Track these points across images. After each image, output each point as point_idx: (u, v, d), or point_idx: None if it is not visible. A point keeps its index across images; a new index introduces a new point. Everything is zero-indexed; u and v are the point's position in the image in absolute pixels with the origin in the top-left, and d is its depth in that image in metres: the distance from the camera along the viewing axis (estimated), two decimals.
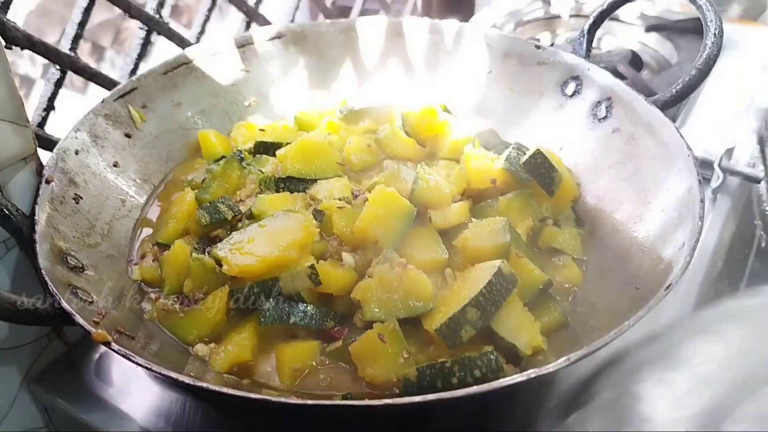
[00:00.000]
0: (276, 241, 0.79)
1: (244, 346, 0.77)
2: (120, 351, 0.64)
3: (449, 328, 0.71)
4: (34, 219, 0.78)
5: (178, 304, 0.82)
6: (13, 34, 0.89)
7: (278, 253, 0.78)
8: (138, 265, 0.88)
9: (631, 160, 0.93)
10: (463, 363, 0.68)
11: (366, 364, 0.73)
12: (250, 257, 0.78)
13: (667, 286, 0.67)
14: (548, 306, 0.80)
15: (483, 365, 0.68)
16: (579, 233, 0.92)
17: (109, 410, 0.87)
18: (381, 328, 0.73)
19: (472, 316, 0.72)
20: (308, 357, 0.76)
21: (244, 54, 1.16)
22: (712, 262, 1.12)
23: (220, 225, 0.89)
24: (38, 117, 1.01)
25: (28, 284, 0.83)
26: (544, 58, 1.08)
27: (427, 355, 0.75)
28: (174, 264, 0.84)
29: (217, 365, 0.75)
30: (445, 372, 0.68)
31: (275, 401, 0.60)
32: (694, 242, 0.72)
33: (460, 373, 0.68)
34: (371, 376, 0.72)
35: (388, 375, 0.72)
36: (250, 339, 0.77)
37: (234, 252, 0.78)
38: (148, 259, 0.89)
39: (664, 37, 1.67)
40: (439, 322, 0.72)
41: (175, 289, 0.84)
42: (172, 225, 0.91)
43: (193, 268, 0.82)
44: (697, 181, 0.79)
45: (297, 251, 0.79)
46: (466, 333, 0.71)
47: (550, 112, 1.07)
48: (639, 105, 0.94)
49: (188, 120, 1.08)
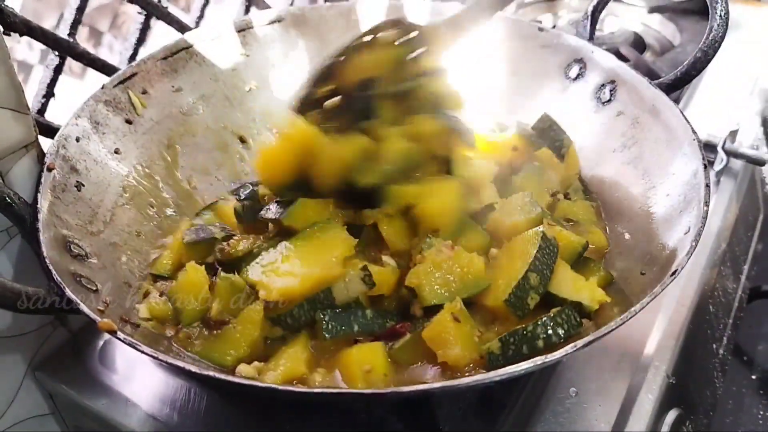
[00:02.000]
0: (314, 258, 0.75)
1: (299, 359, 0.73)
2: (126, 340, 0.64)
3: (517, 297, 0.73)
4: (36, 207, 0.77)
5: (205, 330, 0.78)
6: (11, 20, 0.88)
7: (320, 270, 0.74)
8: (143, 303, 0.81)
9: (635, 143, 0.93)
10: (545, 323, 0.69)
11: (445, 347, 0.70)
12: (290, 278, 0.73)
13: (672, 272, 0.67)
14: (590, 267, 0.82)
15: (564, 321, 0.70)
16: (591, 205, 0.93)
17: (114, 397, 0.88)
18: (451, 308, 0.72)
19: (534, 282, 0.74)
20: (376, 357, 0.73)
21: (244, 38, 1.15)
22: (715, 246, 1.12)
23: (207, 246, 0.86)
24: (38, 104, 1.00)
25: (31, 273, 0.83)
26: (548, 41, 1.07)
27: (495, 332, 0.75)
28: (191, 290, 0.79)
29: (270, 382, 0.71)
30: (529, 336, 0.69)
31: (282, 389, 0.60)
32: (700, 227, 0.72)
33: (545, 333, 0.69)
34: (454, 358, 0.70)
35: (470, 354, 0.70)
36: (304, 352, 0.74)
37: (269, 275, 0.74)
38: (154, 295, 0.83)
39: (667, 19, 1.66)
40: (506, 293, 0.73)
41: (195, 318, 0.79)
42: (167, 255, 0.88)
43: (221, 289, 0.77)
44: (703, 165, 0.79)
45: (339, 264, 0.76)
46: (532, 300, 0.73)
47: (553, 96, 1.06)
48: (643, 88, 0.93)
49: (189, 105, 1.08)
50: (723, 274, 1.16)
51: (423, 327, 0.73)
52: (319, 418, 0.82)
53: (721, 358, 1.15)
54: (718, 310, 1.13)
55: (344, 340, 0.75)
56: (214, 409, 0.85)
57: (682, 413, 0.89)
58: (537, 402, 0.85)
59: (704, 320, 1.05)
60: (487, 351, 0.70)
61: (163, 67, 1.05)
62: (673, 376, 0.90)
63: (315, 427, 0.81)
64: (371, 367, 0.70)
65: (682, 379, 0.93)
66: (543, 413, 0.84)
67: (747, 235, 1.30)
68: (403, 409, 0.80)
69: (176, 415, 0.85)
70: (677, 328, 0.96)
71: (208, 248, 0.86)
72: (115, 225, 0.89)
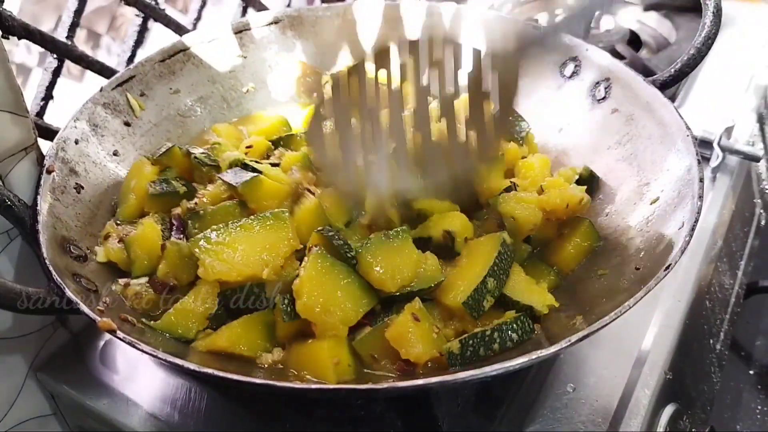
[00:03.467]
0: (256, 252, 0.76)
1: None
2: (125, 339, 0.64)
3: (474, 300, 0.75)
4: (36, 209, 0.78)
5: (151, 291, 0.79)
6: (9, 24, 0.88)
7: (254, 268, 0.75)
8: (102, 246, 0.84)
9: (630, 140, 0.93)
10: (501, 328, 0.73)
11: (408, 345, 0.71)
12: (227, 266, 0.74)
13: (666, 267, 0.67)
14: (542, 271, 0.86)
15: (518, 327, 0.73)
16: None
17: (115, 396, 0.88)
18: (411, 308, 0.73)
19: (491, 286, 0.76)
20: (342, 349, 0.73)
21: (241, 40, 1.15)
22: (711, 242, 1.13)
23: (172, 198, 0.88)
24: (37, 106, 1.00)
25: (31, 274, 0.84)
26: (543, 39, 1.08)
27: (453, 329, 0.77)
28: (144, 246, 0.82)
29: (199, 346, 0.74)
30: (486, 340, 0.72)
31: (280, 386, 0.60)
32: (694, 222, 0.72)
33: (500, 338, 0.72)
34: (416, 356, 0.71)
35: (431, 352, 0.72)
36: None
37: (212, 255, 0.74)
38: (113, 240, 0.85)
39: (662, 16, 1.66)
40: (465, 295, 0.75)
41: (144, 272, 0.81)
42: (133, 200, 0.89)
43: (170, 253, 0.79)
44: (696, 161, 0.80)
45: (277, 268, 0.76)
46: (488, 302, 0.76)
47: (548, 94, 1.06)
48: (638, 85, 0.94)
49: (187, 107, 1.08)
50: (720, 269, 1.16)
51: (384, 321, 0.74)
52: (319, 414, 0.82)
53: (718, 353, 1.15)
54: (715, 305, 1.13)
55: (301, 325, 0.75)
56: (214, 407, 0.86)
57: (680, 408, 0.90)
58: (535, 398, 0.86)
59: (701, 316, 1.06)
60: (447, 350, 0.71)
61: (160, 69, 1.05)
62: (670, 371, 0.91)
63: (314, 424, 0.82)
64: (339, 360, 0.71)
65: (680, 374, 0.94)
66: (540, 409, 0.84)
67: (743, 231, 1.31)
68: (401, 406, 0.80)
69: (177, 414, 0.86)
70: (674, 324, 0.96)
71: (170, 201, 0.88)
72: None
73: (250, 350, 0.73)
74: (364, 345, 0.74)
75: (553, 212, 0.88)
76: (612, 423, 0.83)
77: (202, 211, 0.84)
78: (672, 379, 0.91)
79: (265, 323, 0.76)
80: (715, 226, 1.16)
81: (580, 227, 0.87)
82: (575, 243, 0.87)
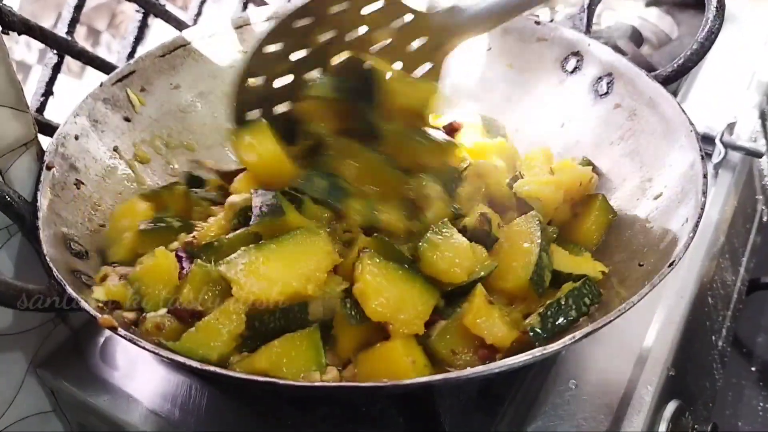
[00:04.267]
0: (296, 267, 0.71)
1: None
2: (126, 336, 0.64)
3: (538, 275, 0.75)
4: (36, 205, 0.77)
5: (174, 320, 0.72)
6: (9, 19, 0.88)
7: (299, 283, 0.70)
8: (101, 286, 0.75)
9: (632, 136, 0.93)
10: (574, 294, 0.73)
11: (491, 328, 0.70)
12: (267, 283, 0.69)
13: (670, 263, 0.67)
14: (572, 249, 0.85)
15: (588, 291, 0.74)
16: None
17: (116, 393, 0.88)
18: (480, 293, 0.73)
19: (546, 261, 0.77)
20: (414, 349, 0.70)
21: (242, 35, 1.14)
22: (714, 238, 1.12)
23: (163, 235, 0.82)
24: (37, 102, 1.00)
25: (31, 270, 0.83)
26: (544, 34, 1.07)
27: (519, 311, 0.76)
28: (159, 276, 0.75)
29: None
30: (563, 308, 0.72)
31: (283, 384, 0.60)
32: (698, 218, 0.72)
33: (575, 304, 0.73)
34: (502, 338, 0.70)
35: (514, 332, 0.71)
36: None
37: (248, 275, 0.69)
38: (112, 279, 0.77)
39: (664, 12, 1.66)
40: (528, 271, 0.75)
41: (160, 305, 0.73)
42: (128, 240, 0.83)
43: (195, 276, 0.73)
44: (700, 157, 0.79)
45: (321, 282, 0.72)
46: (547, 277, 0.77)
47: (550, 89, 1.06)
48: (640, 80, 0.94)
49: (187, 102, 1.08)
50: (722, 266, 1.16)
51: (457, 312, 0.73)
52: (321, 412, 0.82)
53: (720, 350, 1.15)
54: (717, 302, 1.13)
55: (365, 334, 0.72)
56: (215, 405, 0.86)
57: (682, 405, 0.89)
58: (537, 394, 0.85)
59: (703, 312, 1.06)
60: (530, 326, 0.71)
61: (161, 64, 1.05)
62: (672, 368, 0.91)
63: (316, 421, 0.82)
64: (414, 359, 0.69)
65: (682, 371, 0.94)
66: (543, 406, 0.84)
67: (745, 228, 1.31)
68: (403, 403, 0.80)
69: (178, 411, 0.85)
70: (676, 320, 0.96)
71: (164, 237, 0.82)
72: None
73: (291, 373, 0.67)
74: (443, 339, 0.72)
75: (568, 192, 0.89)
76: (614, 420, 0.83)
77: (216, 243, 0.78)
78: (674, 375, 0.91)
79: (310, 343, 0.69)
80: (717, 222, 1.15)
81: (595, 203, 0.89)
82: (594, 218, 0.88)
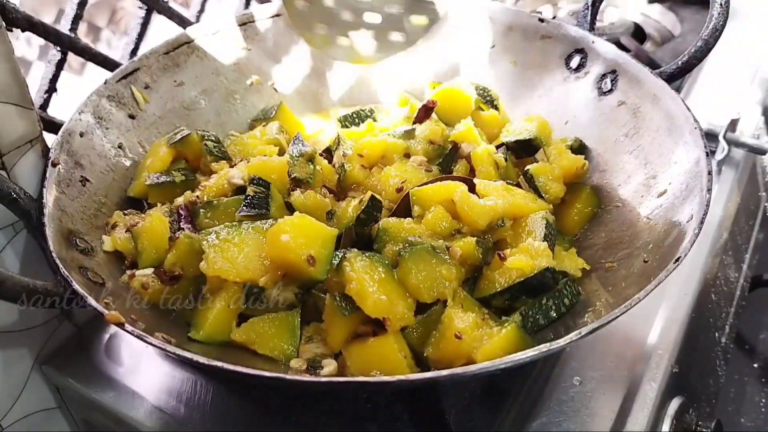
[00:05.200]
0: (260, 256, 0.75)
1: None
2: (134, 332, 0.64)
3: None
4: (41, 202, 0.77)
5: (158, 282, 0.78)
6: (13, 16, 0.88)
7: (253, 273, 0.74)
8: (110, 235, 0.84)
9: (637, 132, 0.93)
10: (555, 296, 0.75)
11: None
12: (227, 264, 0.73)
13: (676, 259, 0.67)
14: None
15: (568, 292, 0.77)
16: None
17: (120, 389, 0.88)
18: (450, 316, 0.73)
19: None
20: (404, 344, 0.73)
21: (245, 32, 1.15)
22: (717, 235, 1.12)
23: (171, 188, 0.90)
24: (40, 99, 1.00)
25: (36, 267, 0.83)
26: (548, 32, 1.07)
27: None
28: (152, 238, 0.82)
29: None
30: (544, 308, 0.75)
31: (289, 379, 0.60)
32: (703, 215, 0.72)
33: (555, 305, 0.75)
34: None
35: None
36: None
37: (217, 251, 0.74)
38: (120, 230, 0.85)
39: (666, 9, 1.66)
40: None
41: (151, 263, 0.81)
42: (144, 179, 0.92)
43: (181, 245, 0.79)
44: (705, 153, 0.79)
45: (274, 276, 0.75)
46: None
47: (554, 86, 1.06)
48: (644, 77, 0.93)
49: (191, 99, 1.08)
50: (725, 263, 1.16)
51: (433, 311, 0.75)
52: (325, 408, 0.82)
53: (723, 346, 1.15)
54: (720, 298, 1.13)
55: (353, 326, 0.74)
56: (220, 401, 0.86)
57: (685, 401, 0.90)
58: (541, 391, 0.85)
59: (706, 309, 1.06)
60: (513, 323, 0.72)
61: (165, 61, 1.05)
62: (676, 364, 0.91)
63: (320, 417, 0.82)
64: (405, 353, 0.71)
65: (685, 367, 0.94)
66: (547, 402, 0.84)
67: (748, 224, 1.31)
68: (408, 399, 0.80)
69: (183, 407, 0.86)
70: (680, 317, 0.96)
71: (170, 191, 0.90)
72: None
73: (265, 348, 0.73)
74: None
75: (566, 178, 0.93)
76: (619, 416, 0.83)
77: (216, 201, 0.85)
78: (678, 372, 0.91)
79: (286, 324, 0.75)
80: (720, 219, 1.15)
81: (582, 194, 0.92)
82: (578, 209, 0.92)
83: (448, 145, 0.97)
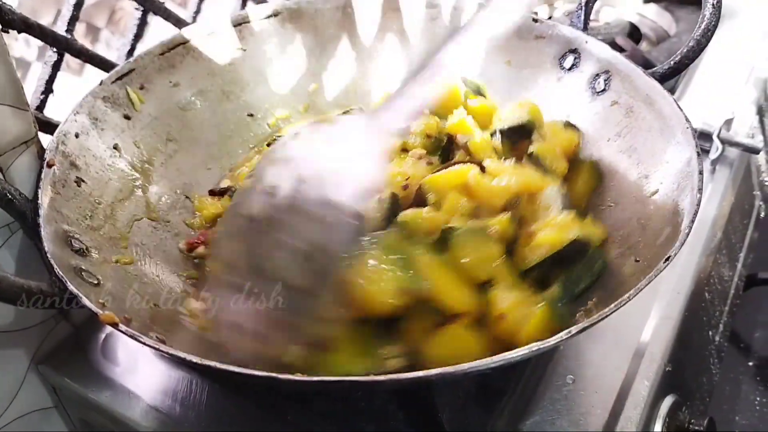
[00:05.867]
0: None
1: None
2: (128, 332, 0.65)
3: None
4: (37, 203, 0.78)
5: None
6: (9, 17, 0.88)
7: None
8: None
9: (629, 132, 0.93)
10: (586, 263, 0.79)
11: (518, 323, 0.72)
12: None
13: (666, 258, 0.67)
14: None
15: (598, 258, 0.80)
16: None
17: (117, 389, 0.89)
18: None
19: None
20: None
21: (241, 33, 1.15)
22: (711, 234, 1.13)
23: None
24: (37, 100, 1.00)
25: (32, 268, 0.84)
26: (542, 32, 1.08)
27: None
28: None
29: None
30: (575, 277, 0.77)
31: (282, 378, 0.60)
32: (693, 214, 0.72)
33: (586, 272, 0.78)
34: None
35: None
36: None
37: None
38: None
39: (662, 8, 1.66)
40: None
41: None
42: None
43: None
44: (696, 153, 0.80)
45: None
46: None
47: (548, 86, 1.06)
48: (637, 77, 0.94)
49: (187, 100, 1.08)
50: (719, 261, 1.17)
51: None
52: (320, 407, 0.83)
53: (717, 345, 1.16)
54: (714, 297, 1.14)
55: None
56: (215, 400, 0.86)
57: (679, 400, 0.90)
58: (534, 389, 0.86)
59: (700, 307, 1.06)
60: (551, 297, 0.74)
61: (160, 62, 1.05)
62: (669, 363, 0.91)
63: (315, 416, 0.83)
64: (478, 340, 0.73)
65: (679, 366, 0.94)
66: (541, 400, 0.85)
67: (743, 223, 1.31)
68: (402, 398, 0.81)
69: (178, 406, 0.86)
70: (673, 316, 0.97)
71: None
72: (115, 220, 0.90)
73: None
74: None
75: (564, 154, 0.95)
76: (611, 414, 0.83)
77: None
78: (671, 370, 0.91)
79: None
80: (714, 218, 1.16)
81: (583, 168, 0.94)
82: (584, 180, 0.93)
83: (443, 137, 0.99)
